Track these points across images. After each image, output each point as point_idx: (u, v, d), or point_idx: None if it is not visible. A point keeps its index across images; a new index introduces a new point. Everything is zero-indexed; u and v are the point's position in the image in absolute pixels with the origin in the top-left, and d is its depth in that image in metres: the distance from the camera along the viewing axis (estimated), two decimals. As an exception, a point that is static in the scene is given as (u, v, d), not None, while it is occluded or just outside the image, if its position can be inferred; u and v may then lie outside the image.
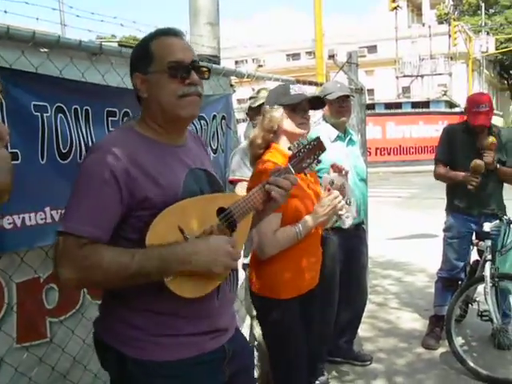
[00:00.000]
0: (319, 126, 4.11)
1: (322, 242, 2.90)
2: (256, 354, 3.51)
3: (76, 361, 2.68)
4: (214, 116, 3.42)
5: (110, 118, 2.70)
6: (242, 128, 4.63)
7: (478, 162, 4.26)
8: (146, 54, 1.77)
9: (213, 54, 3.72)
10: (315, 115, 4.10)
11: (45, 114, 2.39)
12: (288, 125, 2.70)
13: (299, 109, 2.69)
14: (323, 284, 2.93)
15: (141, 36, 1.90)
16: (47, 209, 2.43)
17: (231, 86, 3.67)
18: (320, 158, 2.04)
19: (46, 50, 2.42)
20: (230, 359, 1.88)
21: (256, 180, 2.46)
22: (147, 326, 1.72)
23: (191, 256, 1.62)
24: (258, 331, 3.41)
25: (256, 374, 3.37)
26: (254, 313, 3.06)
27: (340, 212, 2.75)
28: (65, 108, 2.48)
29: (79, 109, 2.54)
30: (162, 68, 1.73)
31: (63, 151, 2.47)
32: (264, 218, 2.03)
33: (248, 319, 3.84)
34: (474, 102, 4.49)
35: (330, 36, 40.29)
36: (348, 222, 2.98)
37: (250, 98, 3.88)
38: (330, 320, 3.86)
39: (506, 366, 4.18)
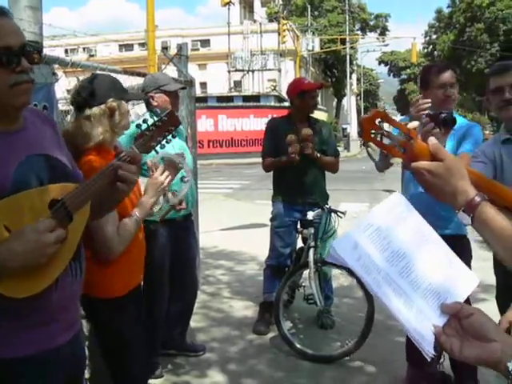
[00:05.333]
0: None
1: (150, 234, 2.86)
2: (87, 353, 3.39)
3: None
4: (35, 106, 3.21)
5: None
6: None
7: (290, 135, 4.56)
8: None
9: (34, 39, 3.50)
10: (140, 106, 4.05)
11: None
12: None
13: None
14: (152, 277, 2.90)
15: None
16: None
17: (53, 74, 3.47)
18: (175, 132, 1.92)
19: None
20: (68, 362, 1.79)
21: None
22: None
23: (5, 261, 1.47)
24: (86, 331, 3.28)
25: (87, 374, 3.25)
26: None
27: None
28: None
29: None
30: None
31: None
32: (111, 207, 1.94)
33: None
34: (295, 83, 4.98)
35: (164, 28, 40.18)
36: (173, 201, 2.97)
37: None
38: (159, 312, 3.85)
39: (329, 344, 4.48)
